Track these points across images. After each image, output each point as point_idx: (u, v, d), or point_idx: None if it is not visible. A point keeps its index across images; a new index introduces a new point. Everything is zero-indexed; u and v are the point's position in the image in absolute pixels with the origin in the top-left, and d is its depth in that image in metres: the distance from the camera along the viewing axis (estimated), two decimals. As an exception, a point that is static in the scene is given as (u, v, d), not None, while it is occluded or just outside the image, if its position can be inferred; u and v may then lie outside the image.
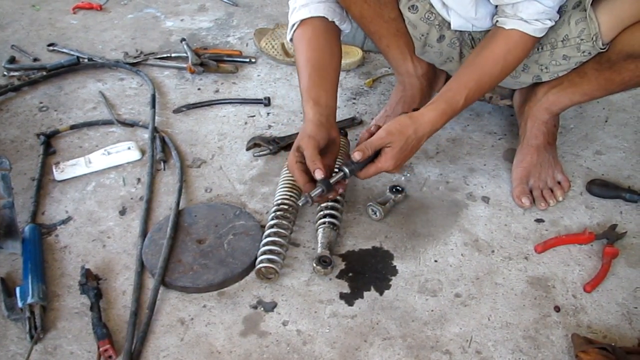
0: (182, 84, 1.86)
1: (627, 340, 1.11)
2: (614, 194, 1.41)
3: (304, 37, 1.31)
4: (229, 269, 1.22)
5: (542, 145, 1.45)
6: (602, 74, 1.30)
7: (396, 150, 1.19)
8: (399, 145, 1.19)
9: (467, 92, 1.23)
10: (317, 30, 1.31)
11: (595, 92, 1.37)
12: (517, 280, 1.23)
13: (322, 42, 1.31)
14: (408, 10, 1.35)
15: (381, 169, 1.21)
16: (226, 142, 1.61)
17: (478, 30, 1.33)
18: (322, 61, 1.28)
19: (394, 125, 1.20)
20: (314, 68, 1.27)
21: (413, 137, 1.20)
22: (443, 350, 1.10)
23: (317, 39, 1.30)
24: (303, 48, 1.30)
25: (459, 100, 1.23)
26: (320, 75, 1.27)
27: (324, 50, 1.30)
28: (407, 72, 1.51)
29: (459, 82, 1.25)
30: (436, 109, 1.23)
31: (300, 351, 1.10)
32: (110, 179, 1.49)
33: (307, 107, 1.23)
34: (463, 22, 1.30)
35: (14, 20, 2.23)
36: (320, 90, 1.25)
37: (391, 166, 1.20)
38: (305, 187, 1.19)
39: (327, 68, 1.29)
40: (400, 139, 1.19)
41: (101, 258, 1.28)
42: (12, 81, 1.85)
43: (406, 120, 1.21)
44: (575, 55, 1.29)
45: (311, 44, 1.30)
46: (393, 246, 1.31)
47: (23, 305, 1.12)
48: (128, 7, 2.33)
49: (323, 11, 1.30)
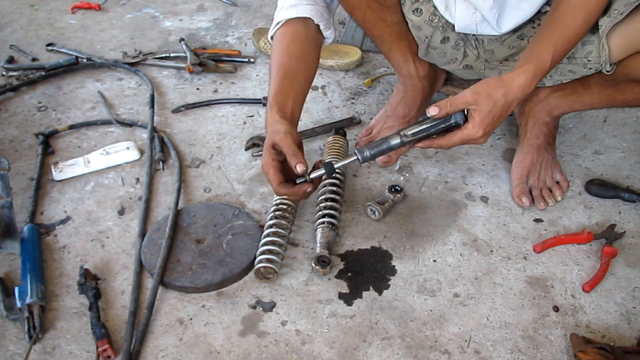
0: (180, 83, 1.86)
1: (625, 340, 1.11)
2: (612, 194, 1.41)
3: (284, 40, 1.28)
4: (228, 268, 1.22)
5: (542, 145, 1.45)
6: (605, 90, 1.31)
7: (484, 114, 1.08)
8: (487, 108, 1.08)
9: (554, 49, 1.13)
10: (299, 37, 1.28)
11: (596, 105, 1.39)
12: (516, 280, 1.23)
13: (300, 50, 1.28)
14: (412, 13, 1.35)
15: (468, 136, 1.10)
16: (225, 142, 1.61)
17: (482, 34, 1.33)
18: (296, 69, 1.25)
19: (482, 86, 1.10)
20: (286, 75, 1.23)
21: (502, 101, 1.09)
22: (442, 350, 1.10)
23: (296, 45, 1.27)
24: (280, 52, 1.26)
25: (546, 59, 1.12)
26: (291, 83, 1.23)
27: (300, 58, 1.27)
28: (408, 74, 1.51)
29: (543, 42, 1.14)
30: (526, 71, 1.11)
31: (299, 351, 1.10)
32: (109, 179, 1.49)
33: (271, 112, 1.18)
34: (467, 24, 1.30)
35: (13, 20, 2.22)
36: (288, 98, 1.20)
37: (480, 133, 1.09)
38: (279, 188, 1.13)
39: (299, 77, 1.25)
40: (488, 102, 1.09)
41: (100, 258, 1.28)
42: (10, 81, 1.84)
43: (495, 82, 1.11)
44: (580, 70, 1.29)
45: (290, 49, 1.27)
46: (392, 246, 1.31)
47: (22, 305, 1.12)
48: (127, 7, 2.33)
49: (310, 13, 1.28)
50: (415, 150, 1.56)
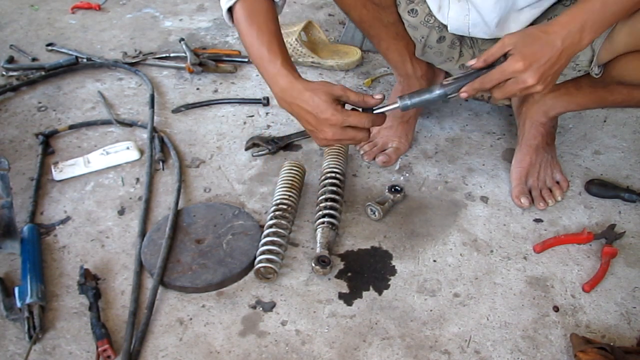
0: (180, 83, 1.86)
1: (625, 340, 1.11)
2: (612, 194, 1.41)
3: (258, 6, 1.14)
4: (228, 268, 1.22)
5: (541, 145, 1.45)
6: (596, 91, 1.33)
7: (523, 49, 1.03)
8: (525, 44, 1.03)
9: None
10: (267, 2, 1.15)
11: (590, 105, 1.41)
12: (516, 280, 1.23)
13: (275, 16, 1.16)
14: (408, 14, 1.36)
15: (508, 68, 1.04)
16: (225, 142, 1.61)
17: (475, 36, 1.33)
18: (280, 34, 1.15)
19: (516, 32, 1.07)
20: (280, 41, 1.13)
21: (542, 36, 1.03)
22: (442, 350, 1.10)
23: (272, 12, 1.15)
24: (261, 16, 1.12)
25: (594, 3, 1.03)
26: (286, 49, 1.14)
27: (278, 25, 1.16)
28: (406, 74, 1.51)
29: None
30: (568, 11, 1.04)
31: (299, 351, 1.10)
32: (109, 179, 1.49)
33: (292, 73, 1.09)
34: (459, 26, 1.31)
35: (13, 20, 2.22)
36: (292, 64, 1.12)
37: (520, 66, 1.03)
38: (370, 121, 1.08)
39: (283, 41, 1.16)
40: (525, 39, 1.03)
41: (100, 258, 1.28)
42: (10, 81, 1.84)
43: (531, 26, 1.08)
44: (570, 73, 1.31)
45: (269, 14, 1.14)
46: (392, 246, 1.31)
47: (22, 305, 1.11)
48: (127, 7, 2.33)
49: None
50: (416, 150, 1.56)
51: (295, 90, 1.09)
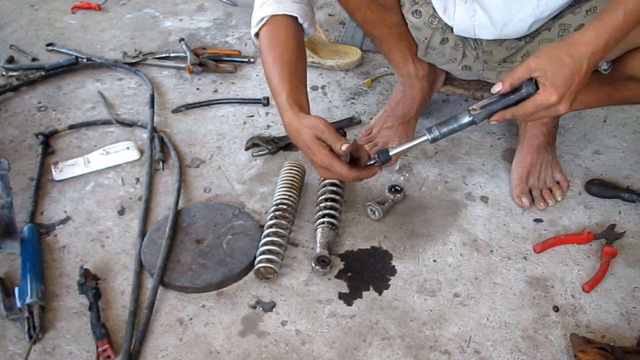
0: (180, 83, 1.86)
1: (625, 340, 1.11)
2: (612, 194, 1.41)
3: (279, 35, 1.22)
4: (228, 268, 1.22)
5: (542, 145, 1.45)
6: (603, 88, 1.30)
7: (553, 77, 1.01)
8: (553, 70, 1.01)
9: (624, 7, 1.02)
10: (292, 32, 1.23)
11: (594, 103, 1.38)
12: (516, 280, 1.23)
13: (297, 45, 1.23)
14: (412, 15, 1.35)
15: (542, 102, 1.03)
16: (225, 142, 1.61)
17: (480, 37, 1.33)
18: (298, 65, 1.21)
19: (544, 49, 1.04)
20: (292, 71, 1.19)
21: (569, 60, 1.02)
22: (442, 350, 1.10)
23: (293, 41, 1.22)
24: (280, 47, 1.21)
25: (617, 15, 1.02)
26: (299, 79, 1.20)
27: (297, 54, 1.23)
28: (408, 74, 1.51)
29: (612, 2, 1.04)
30: (592, 27, 1.03)
31: (299, 351, 1.10)
32: (109, 179, 1.49)
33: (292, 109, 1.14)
34: (465, 27, 1.30)
35: (13, 20, 2.22)
36: (300, 95, 1.18)
37: (554, 98, 1.02)
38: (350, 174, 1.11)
39: (301, 72, 1.22)
40: (553, 64, 1.02)
41: (100, 258, 1.28)
42: (10, 81, 1.84)
43: (558, 43, 1.05)
44: None
45: (288, 44, 1.22)
46: (392, 246, 1.31)
47: (22, 305, 1.12)
48: (127, 7, 2.33)
49: (297, 11, 1.23)
50: (416, 150, 1.56)
51: (292, 126, 1.14)
